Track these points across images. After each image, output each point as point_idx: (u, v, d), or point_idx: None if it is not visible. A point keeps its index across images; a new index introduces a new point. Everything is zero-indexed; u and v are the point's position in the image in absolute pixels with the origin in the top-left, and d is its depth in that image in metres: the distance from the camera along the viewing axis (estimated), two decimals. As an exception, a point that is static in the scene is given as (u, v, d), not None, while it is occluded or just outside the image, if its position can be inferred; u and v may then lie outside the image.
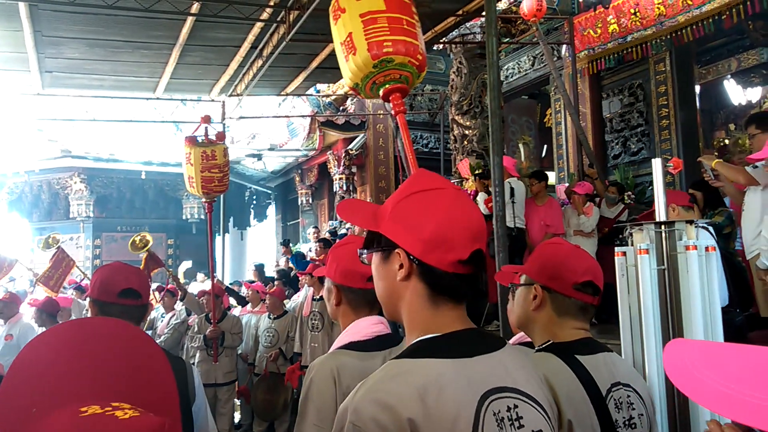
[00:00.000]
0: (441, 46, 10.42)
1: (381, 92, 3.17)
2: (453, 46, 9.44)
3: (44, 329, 6.18)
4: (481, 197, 6.67)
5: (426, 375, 0.99)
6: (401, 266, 1.10)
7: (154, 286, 7.85)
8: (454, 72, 9.35)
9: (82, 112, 12.56)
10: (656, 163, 2.16)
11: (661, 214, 2.10)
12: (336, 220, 12.66)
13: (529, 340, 1.75)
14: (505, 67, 11.57)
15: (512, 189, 6.39)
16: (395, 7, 3.08)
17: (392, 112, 3.27)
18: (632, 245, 2.17)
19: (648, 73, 9.22)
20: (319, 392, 1.62)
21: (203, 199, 6.24)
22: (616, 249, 2.21)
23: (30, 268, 8.93)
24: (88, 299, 2.08)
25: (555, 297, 1.59)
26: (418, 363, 1.02)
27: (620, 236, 4.87)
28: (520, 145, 13.06)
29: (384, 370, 1.03)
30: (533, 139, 13.45)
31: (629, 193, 7.51)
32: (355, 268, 1.73)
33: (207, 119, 6.32)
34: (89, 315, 2.08)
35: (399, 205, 1.12)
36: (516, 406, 1.03)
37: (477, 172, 7.33)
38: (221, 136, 6.29)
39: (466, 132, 8.83)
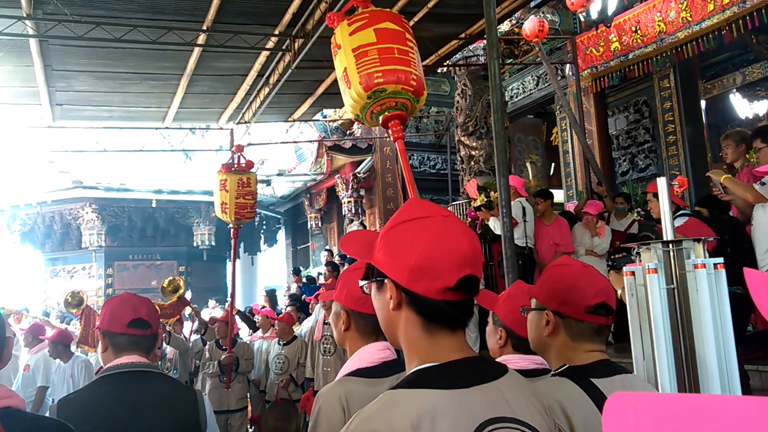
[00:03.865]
0: (445, 68, 10.51)
1: (380, 120, 3.26)
2: (457, 68, 9.53)
3: (60, 361, 6.23)
4: (494, 222, 6.65)
5: (420, 406, 0.98)
6: (391, 296, 1.10)
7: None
8: (458, 94, 9.42)
9: (92, 143, 12.73)
10: (661, 182, 2.16)
11: (668, 233, 2.09)
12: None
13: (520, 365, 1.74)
14: (510, 87, 11.64)
15: (524, 209, 6.40)
16: (386, 38, 3.19)
17: (392, 139, 3.34)
18: (640, 264, 2.16)
19: (653, 90, 9.25)
20: (329, 420, 1.61)
21: (231, 226, 6.35)
22: (624, 269, 2.20)
23: (34, 317, 8.99)
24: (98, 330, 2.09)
25: (568, 322, 1.57)
26: (413, 393, 1.01)
27: (614, 256, 4.86)
28: (528, 165, 13.08)
29: (380, 400, 1.03)
30: (540, 157, 13.47)
31: (639, 209, 7.49)
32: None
33: (240, 148, 6.55)
34: (100, 346, 2.09)
35: (387, 235, 1.13)
36: None
37: (478, 204, 7.29)
38: (251, 164, 6.46)
39: (473, 153, 8.87)
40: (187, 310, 7.63)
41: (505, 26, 10.37)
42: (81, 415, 1.83)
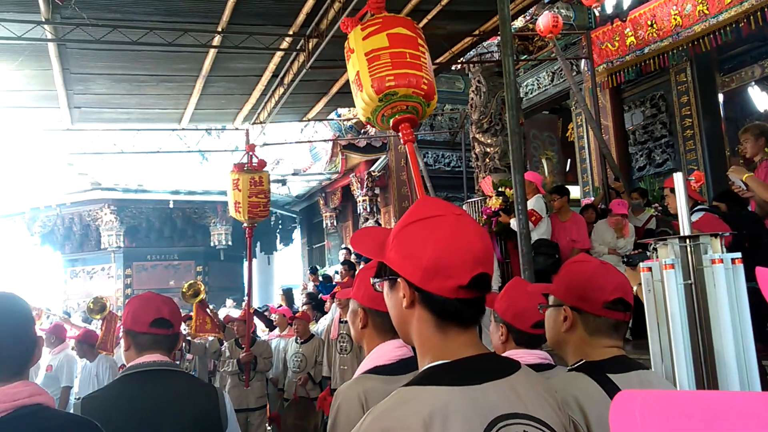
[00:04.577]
0: (459, 66, 10.49)
1: (391, 123, 3.32)
2: (471, 65, 9.50)
3: (86, 360, 6.34)
4: (515, 222, 6.64)
5: (432, 403, 0.99)
6: (404, 295, 1.11)
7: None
8: (473, 91, 9.39)
9: (110, 145, 12.88)
10: (678, 177, 2.15)
11: (685, 229, 2.09)
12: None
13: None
14: (525, 83, 11.59)
15: (546, 204, 6.41)
16: (398, 42, 3.26)
17: (402, 141, 3.39)
18: (657, 260, 2.16)
19: (669, 84, 9.17)
20: (348, 418, 1.63)
21: (245, 225, 6.42)
22: (641, 264, 2.20)
23: (54, 314, 9.10)
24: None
25: (585, 317, 1.58)
26: (425, 390, 1.02)
27: (630, 253, 4.81)
28: (543, 161, 13.02)
29: (393, 397, 1.04)
30: (556, 154, 13.40)
31: (656, 205, 7.43)
32: None
33: (252, 147, 6.61)
34: (123, 344, 2.14)
35: (399, 234, 1.14)
36: None
37: (497, 210, 7.23)
38: (263, 163, 6.52)
39: (488, 150, 8.84)
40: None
41: (519, 22, 10.32)
42: (105, 412, 1.87)
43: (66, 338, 6.75)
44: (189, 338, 6.87)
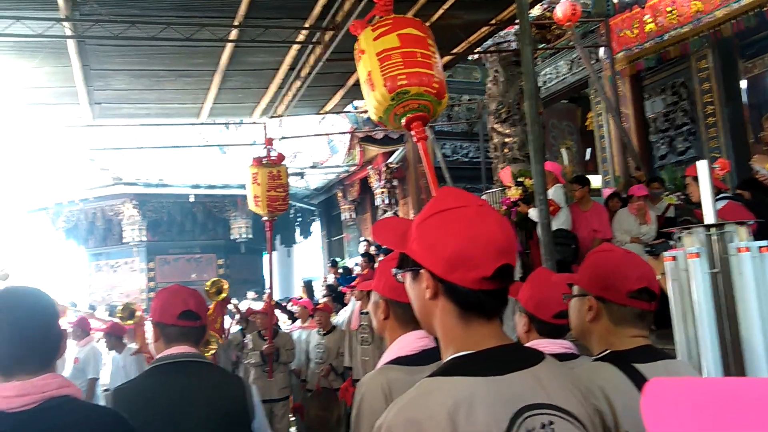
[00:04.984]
0: (476, 56, 10.43)
1: (403, 122, 3.37)
2: (488, 55, 9.44)
3: (115, 352, 6.46)
4: (535, 212, 6.60)
5: (457, 393, 0.99)
6: (427, 286, 1.12)
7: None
8: (490, 81, 9.33)
9: (131, 140, 13.01)
10: (701, 165, 2.13)
11: (709, 217, 2.07)
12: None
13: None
14: (543, 72, 11.49)
15: (565, 195, 6.38)
16: (409, 42, 3.33)
17: (414, 140, 3.44)
18: (682, 249, 2.14)
19: (690, 71, 9.03)
20: (371, 408, 1.64)
21: (264, 218, 6.47)
22: (665, 254, 2.18)
23: (79, 310, 9.26)
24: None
25: (610, 307, 1.57)
26: (449, 381, 1.03)
27: (653, 242, 4.76)
28: (563, 151, 12.91)
29: (417, 388, 1.05)
30: (575, 143, 13.28)
31: (678, 193, 7.35)
32: None
33: (270, 141, 6.65)
34: (152, 336, 2.19)
35: (422, 226, 1.14)
36: (551, 423, 1.02)
37: (516, 200, 7.18)
38: (281, 157, 6.57)
39: (506, 140, 8.79)
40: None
41: (536, 11, 10.22)
42: (135, 404, 1.91)
43: (91, 331, 6.87)
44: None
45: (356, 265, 10.75)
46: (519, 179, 7.38)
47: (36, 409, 1.41)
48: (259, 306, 8.29)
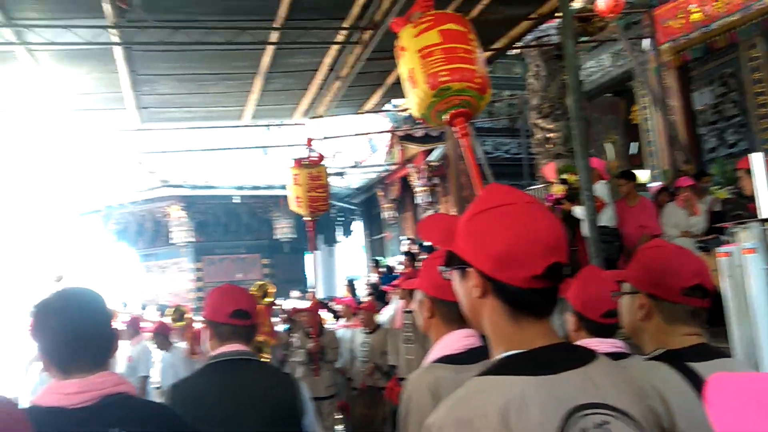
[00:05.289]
0: (517, 50, 10.30)
1: (446, 118, 3.36)
2: (529, 49, 9.31)
3: (164, 351, 6.65)
4: (579, 209, 6.48)
5: (508, 393, 0.98)
6: (476, 284, 1.10)
7: None
8: (531, 75, 9.22)
9: (177, 144, 13.32)
10: (755, 157, 2.06)
11: (765, 211, 2.00)
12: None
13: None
14: (586, 66, 11.27)
15: (610, 190, 6.28)
16: (451, 38, 3.31)
17: (457, 136, 3.41)
18: (737, 244, 2.07)
19: (739, 61, 8.72)
20: (418, 407, 1.64)
21: (306, 218, 6.55)
22: (718, 249, 2.12)
23: (128, 313, 9.54)
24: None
25: (662, 305, 1.53)
26: (500, 380, 1.02)
27: (704, 238, 4.60)
28: (607, 145, 12.65)
29: (467, 387, 1.04)
30: (620, 137, 12.98)
31: (730, 187, 7.11)
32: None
33: (310, 142, 6.72)
34: (207, 335, 2.25)
35: (470, 223, 1.13)
36: (606, 423, 0.99)
37: (559, 197, 7.03)
38: (321, 157, 6.63)
39: (549, 135, 8.67)
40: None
41: (578, 3, 10.04)
42: (189, 400, 1.97)
43: (141, 330, 7.07)
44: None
45: (398, 263, 10.77)
46: (563, 176, 7.26)
47: (94, 405, 1.46)
48: (303, 305, 8.38)
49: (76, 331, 1.52)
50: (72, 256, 17.94)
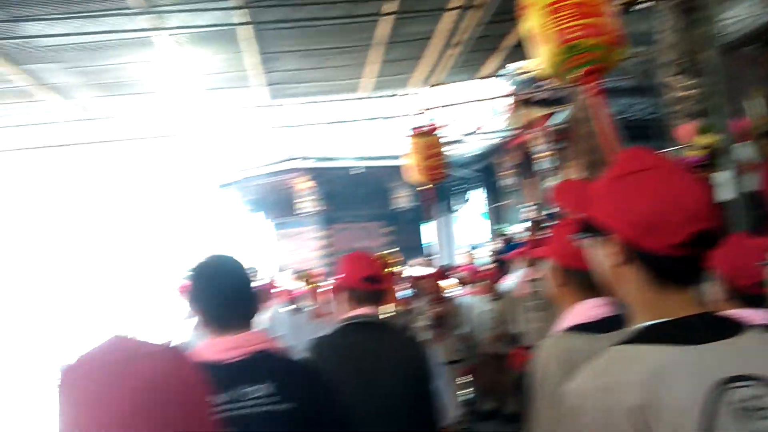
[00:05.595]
0: (647, 3, 9.61)
1: (577, 75, 3.19)
2: (661, 1, 8.65)
3: (292, 314, 7.08)
4: (719, 174, 6.01)
5: (651, 362, 0.97)
6: (615, 252, 1.08)
7: None
8: (664, 30, 8.57)
9: (302, 118, 13.91)
10: None
11: None
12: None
13: None
14: (723, 16, 10.31)
15: (754, 152, 5.79)
16: None
17: (589, 95, 3.25)
18: None
19: None
20: (551, 373, 1.65)
21: (423, 186, 6.65)
22: None
23: (260, 278, 10.11)
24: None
25: None
26: (642, 349, 1.00)
27: None
28: (750, 103, 11.57)
29: (608, 355, 1.03)
30: (766, 93, 11.81)
31: None
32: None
33: (426, 111, 6.79)
34: (337, 298, 2.39)
35: (609, 189, 1.10)
36: (760, 396, 0.94)
37: (701, 158, 6.50)
38: (437, 126, 6.67)
39: (684, 94, 8.07)
40: None
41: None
42: (331, 357, 2.13)
43: (273, 295, 7.56)
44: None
45: (523, 231, 10.60)
46: (700, 137, 6.76)
47: (247, 360, 1.63)
48: (425, 272, 8.52)
49: (230, 292, 1.70)
50: (214, 226, 19.58)
